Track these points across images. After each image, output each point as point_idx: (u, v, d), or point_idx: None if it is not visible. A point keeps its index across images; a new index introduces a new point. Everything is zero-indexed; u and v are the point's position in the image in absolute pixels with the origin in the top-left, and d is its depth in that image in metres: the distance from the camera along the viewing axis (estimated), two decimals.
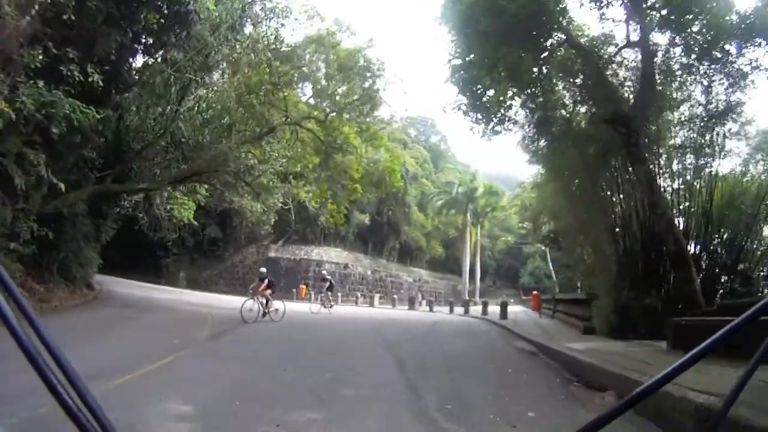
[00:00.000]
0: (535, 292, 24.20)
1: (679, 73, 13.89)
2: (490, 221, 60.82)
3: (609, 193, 14.87)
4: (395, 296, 35.07)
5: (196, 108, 17.04)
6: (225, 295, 31.03)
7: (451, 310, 27.01)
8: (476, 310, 27.43)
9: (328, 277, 23.15)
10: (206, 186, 24.26)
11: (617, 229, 14.09)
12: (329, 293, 21.36)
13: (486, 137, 16.28)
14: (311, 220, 40.26)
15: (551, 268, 51.89)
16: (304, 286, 34.43)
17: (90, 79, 10.88)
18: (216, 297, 26.37)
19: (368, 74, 18.81)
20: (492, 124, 16.15)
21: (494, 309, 24.49)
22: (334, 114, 19.31)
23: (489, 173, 65.24)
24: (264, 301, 14.69)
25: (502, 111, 16.07)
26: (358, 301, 33.55)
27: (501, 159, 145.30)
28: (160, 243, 34.42)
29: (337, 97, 19.34)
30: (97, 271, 18.63)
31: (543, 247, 60.94)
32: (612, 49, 14.58)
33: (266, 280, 15.11)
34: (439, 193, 51.93)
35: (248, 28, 17.68)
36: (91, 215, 15.80)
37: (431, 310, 28.49)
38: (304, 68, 19.04)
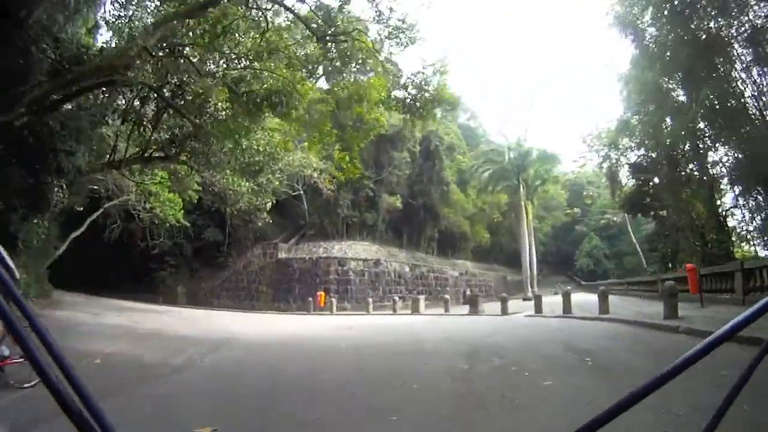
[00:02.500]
0: (689, 265, 15.14)
1: None
2: (539, 198, 51.80)
3: None
4: (445, 295, 26.37)
5: None
6: (219, 311, 23.22)
7: (538, 310, 18.30)
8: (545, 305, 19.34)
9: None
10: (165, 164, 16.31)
11: None
12: None
13: None
14: (329, 207, 32.15)
15: (634, 240, 41.97)
16: (323, 293, 26.13)
17: None
18: (198, 317, 18.46)
19: None
20: None
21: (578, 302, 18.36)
22: None
23: None
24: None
25: None
26: (397, 306, 24.48)
27: (540, 137, 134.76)
28: (154, 255, 27.13)
29: None
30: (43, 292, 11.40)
31: (615, 219, 51.24)
32: None
33: None
34: (484, 163, 42.79)
35: None
36: None
37: (504, 312, 19.75)
38: None
